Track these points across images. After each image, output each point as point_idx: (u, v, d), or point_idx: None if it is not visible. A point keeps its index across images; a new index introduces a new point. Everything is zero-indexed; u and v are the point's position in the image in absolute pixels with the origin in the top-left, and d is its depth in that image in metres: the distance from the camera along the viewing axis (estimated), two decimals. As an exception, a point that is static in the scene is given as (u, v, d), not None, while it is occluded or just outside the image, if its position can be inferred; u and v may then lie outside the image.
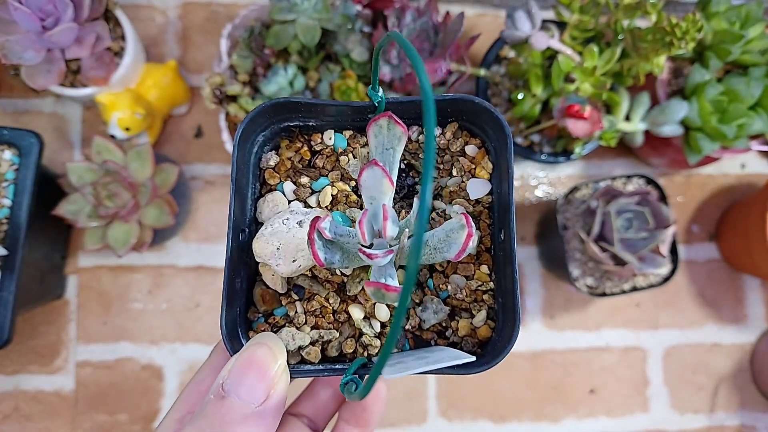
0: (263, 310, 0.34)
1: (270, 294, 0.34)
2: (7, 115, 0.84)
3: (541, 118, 0.74)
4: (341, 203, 0.35)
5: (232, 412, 0.26)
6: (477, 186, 0.35)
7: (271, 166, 0.36)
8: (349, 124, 0.36)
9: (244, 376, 0.27)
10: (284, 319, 0.34)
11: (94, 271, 0.82)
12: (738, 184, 0.92)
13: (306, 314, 0.34)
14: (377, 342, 0.33)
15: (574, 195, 0.80)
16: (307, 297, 0.34)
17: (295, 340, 0.33)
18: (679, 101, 0.72)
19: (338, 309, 0.34)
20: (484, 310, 0.34)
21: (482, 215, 0.35)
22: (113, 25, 0.74)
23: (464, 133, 0.36)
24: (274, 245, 0.32)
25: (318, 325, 0.34)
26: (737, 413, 0.87)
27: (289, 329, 0.33)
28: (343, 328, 0.34)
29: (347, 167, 0.36)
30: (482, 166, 0.35)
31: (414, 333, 0.34)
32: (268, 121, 0.35)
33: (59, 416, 0.79)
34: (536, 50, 0.68)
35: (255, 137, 0.35)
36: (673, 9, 0.86)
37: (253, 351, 0.28)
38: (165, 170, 0.73)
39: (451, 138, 0.36)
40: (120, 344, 0.81)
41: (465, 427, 0.84)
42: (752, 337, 0.89)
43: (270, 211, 0.35)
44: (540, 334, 0.86)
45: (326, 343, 0.34)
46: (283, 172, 0.36)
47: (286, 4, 0.67)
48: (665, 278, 0.78)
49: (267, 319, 0.34)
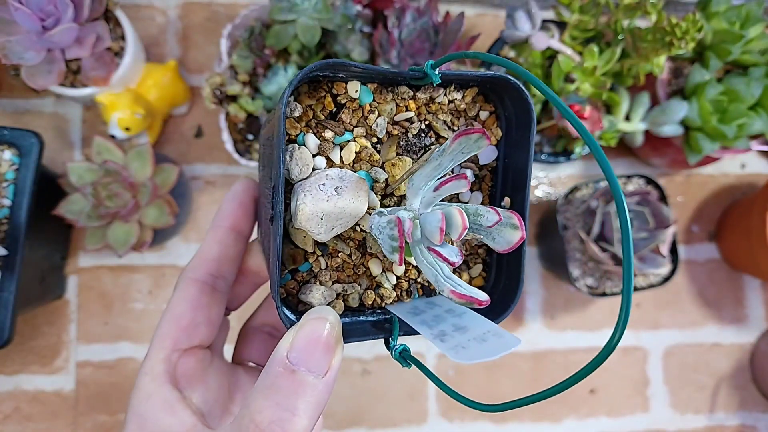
0: (291, 269, 0.35)
1: (300, 253, 0.35)
2: (7, 115, 0.84)
3: (541, 118, 0.75)
4: (364, 161, 0.35)
5: (303, 384, 0.28)
6: (486, 152, 0.36)
7: (296, 116, 0.34)
8: (376, 77, 0.35)
9: (311, 350, 0.29)
10: (309, 274, 0.35)
11: (94, 271, 0.82)
12: (738, 184, 0.92)
13: (329, 270, 0.35)
14: (393, 293, 0.36)
15: (574, 195, 0.80)
16: (331, 253, 0.35)
17: (322, 296, 0.34)
18: (679, 101, 0.72)
19: (358, 264, 0.36)
20: (480, 264, 0.37)
21: (485, 179, 0.37)
22: (113, 25, 0.74)
23: (480, 98, 0.37)
24: (319, 215, 0.33)
25: (339, 279, 0.36)
26: (737, 413, 0.87)
27: (318, 287, 0.35)
28: (361, 280, 0.36)
29: (373, 125, 0.35)
30: (492, 132, 0.36)
31: (422, 284, 0.37)
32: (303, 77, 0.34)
33: (60, 416, 0.79)
34: (536, 50, 0.68)
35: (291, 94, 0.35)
36: (673, 9, 0.86)
37: (316, 326, 0.30)
38: (165, 170, 0.73)
39: (470, 103, 0.36)
40: (120, 344, 0.81)
41: (465, 427, 0.84)
42: (752, 337, 0.89)
43: (299, 170, 0.34)
44: (540, 334, 0.86)
45: (347, 295, 0.36)
46: (304, 122, 0.34)
47: (286, 4, 0.67)
48: (665, 278, 0.78)
49: (293, 275, 0.35)
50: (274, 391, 0.28)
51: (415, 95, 0.35)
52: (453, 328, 0.31)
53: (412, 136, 0.36)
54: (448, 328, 0.31)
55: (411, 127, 0.36)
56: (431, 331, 0.30)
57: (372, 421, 0.83)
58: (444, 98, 0.36)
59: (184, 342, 0.35)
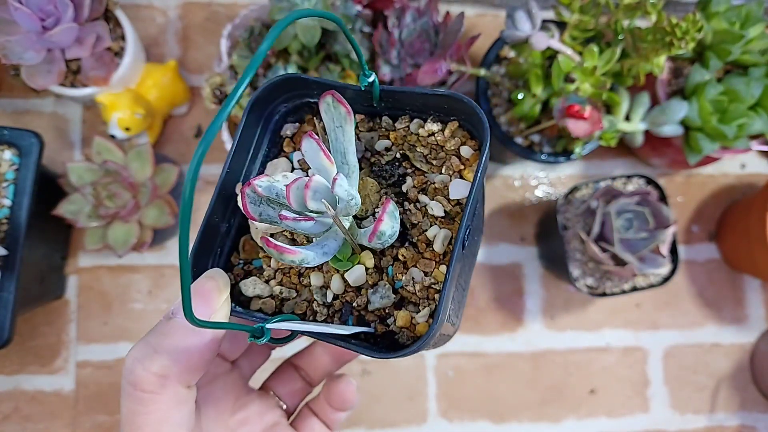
0: (243, 258, 0.37)
1: (251, 244, 0.37)
2: (7, 115, 0.84)
3: (541, 118, 0.74)
4: None
5: (175, 329, 0.30)
6: (459, 187, 0.35)
7: (288, 135, 0.39)
8: (360, 108, 0.38)
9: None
10: (258, 270, 0.37)
11: (94, 271, 0.82)
12: (738, 184, 0.92)
13: (276, 271, 0.36)
14: (324, 311, 0.35)
15: (574, 195, 0.80)
16: None
17: (255, 289, 0.36)
18: (679, 101, 0.72)
19: (304, 273, 0.36)
20: (429, 308, 0.33)
21: (458, 217, 0.35)
22: (113, 25, 0.74)
23: (464, 134, 0.36)
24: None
25: (282, 283, 0.36)
26: (737, 413, 0.87)
27: (254, 278, 0.36)
28: (303, 291, 0.36)
29: None
30: (471, 169, 0.35)
31: (359, 311, 0.35)
32: (286, 95, 0.38)
33: (59, 416, 0.79)
34: (536, 50, 0.68)
35: (275, 107, 0.38)
36: (673, 9, 0.86)
37: (202, 282, 0.32)
38: (165, 170, 0.73)
39: (449, 136, 0.36)
40: (120, 344, 0.81)
41: (465, 427, 0.84)
42: (752, 338, 0.89)
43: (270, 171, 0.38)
44: (540, 335, 0.86)
45: (284, 300, 0.36)
46: (298, 142, 0.38)
47: (286, 5, 0.67)
48: (665, 278, 0.78)
49: (245, 266, 0.37)
50: (149, 334, 0.31)
51: (395, 126, 0.37)
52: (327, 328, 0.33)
53: (384, 163, 0.37)
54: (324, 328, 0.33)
55: (386, 155, 0.37)
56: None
57: (371, 422, 0.83)
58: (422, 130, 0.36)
59: None
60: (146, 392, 0.30)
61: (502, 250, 0.88)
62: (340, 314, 0.35)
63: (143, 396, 0.30)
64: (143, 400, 0.30)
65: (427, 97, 0.35)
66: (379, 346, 0.34)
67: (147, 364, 0.29)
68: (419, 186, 0.36)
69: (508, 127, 0.76)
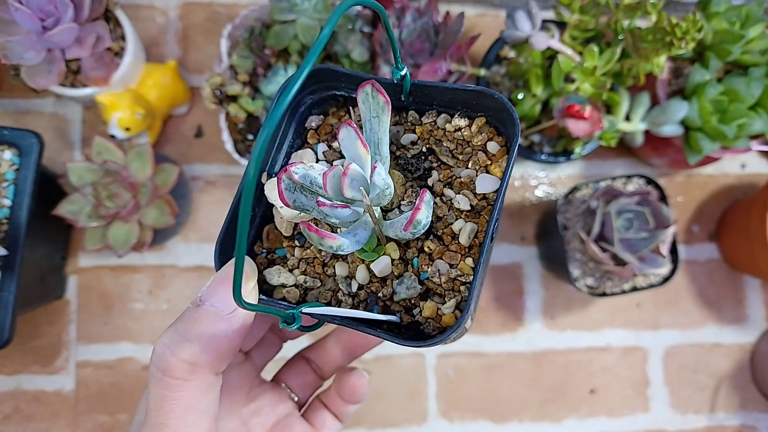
0: (267, 247, 0.37)
1: (275, 234, 0.37)
2: (7, 115, 0.84)
3: (541, 118, 0.75)
4: None
5: (204, 316, 0.30)
6: (486, 182, 0.35)
7: (313, 127, 0.39)
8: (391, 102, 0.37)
9: (217, 288, 0.31)
10: (282, 259, 0.37)
11: (94, 271, 0.82)
12: (738, 184, 0.92)
13: (300, 260, 0.37)
14: (349, 300, 0.35)
15: (574, 195, 0.80)
16: (306, 246, 0.37)
17: (280, 277, 0.36)
18: (679, 101, 0.72)
19: (328, 263, 0.36)
20: (455, 300, 0.34)
21: (484, 211, 0.35)
22: (113, 25, 0.74)
23: (490, 129, 0.37)
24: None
25: (306, 272, 0.36)
26: (737, 413, 0.87)
27: (278, 267, 0.36)
28: (327, 280, 0.36)
29: None
30: (498, 165, 0.36)
31: (384, 302, 0.35)
32: (314, 86, 0.38)
33: (60, 416, 0.79)
34: (536, 50, 0.68)
35: (302, 98, 0.38)
36: (673, 9, 0.86)
37: (228, 269, 0.32)
38: (165, 170, 0.73)
39: (476, 131, 0.36)
40: (121, 344, 0.81)
41: (465, 427, 0.84)
42: (752, 337, 0.89)
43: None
44: (540, 335, 0.86)
45: (308, 289, 0.36)
46: (323, 134, 0.39)
47: (286, 4, 0.67)
48: (665, 278, 0.78)
49: (268, 254, 0.37)
50: (177, 321, 0.31)
51: (421, 120, 0.37)
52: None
53: (410, 156, 0.37)
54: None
55: (412, 148, 0.37)
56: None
57: (372, 421, 0.83)
58: (449, 125, 0.37)
59: None
60: (176, 378, 0.30)
61: (502, 250, 0.88)
62: (365, 304, 0.35)
63: (172, 382, 0.30)
64: (172, 386, 0.30)
65: (457, 92, 0.35)
66: (403, 336, 0.34)
67: (177, 350, 0.30)
68: (445, 180, 0.36)
69: (508, 127, 0.76)
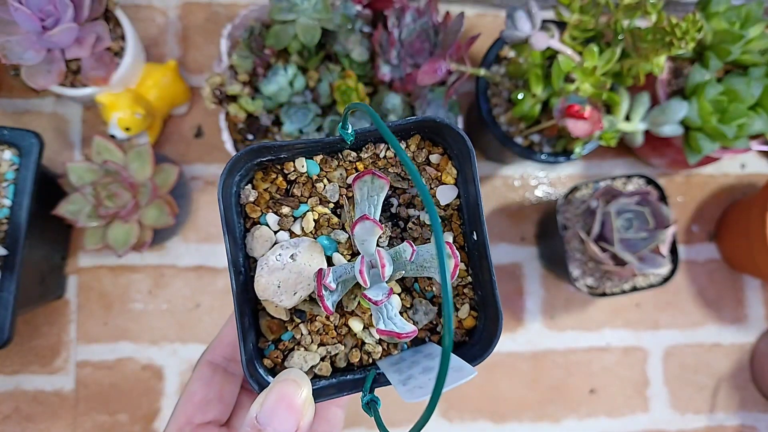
0: (272, 339, 0.37)
1: (276, 323, 0.37)
2: (7, 115, 0.84)
3: (541, 118, 0.74)
4: (324, 227, 0.37)
5: None
6: (445, 192, 0.37)
7: (251, 200, 0.37)
8: (320, 150, 0.37)
9: (275, 409, 0.30)
10: (292, 341, 0.37)
11: (94, 271, 0.82)
12: (738, 184, 0.92)
13: (311, 334, 0.36)
14: (379, 348, 0.36)
15: (574, 195, 0.80)
16: (309, 319, 0.36)
17: (307, 362, 0.35)
18: (679, 101, 0.72)
19: (339, 324, 0.36)
20: (467, 303, 0.36)
21: (453, 218, 0.37)
22: (113, 25, 0.74)
23: (427, 143, 0.38)
24: (275, 284, 0.34)
25: (323, 342, 0.36)
26: (737, 413, 0.87)
27: (299, 353, 0.36)
28: (345, 340, 0.37)
29: (324, 192, 0.37)
30: (447, 172, 0.37)
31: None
32: (244, 161, 0.36)
33: (60, 416, 0.79)
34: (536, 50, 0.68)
35: (233, 178, 0.36)
36: (673, 9, 0.86)
37: (282, 386, 0.31)
38: (165, 170, 0.73)
39: (415, 150, 0.37)
40: (120, 344, 0.81)
41: (465, 427, 0.84)
42: (752, 337, 0.89)
43: (261, 246, 0.36)
44: (540, 335, 0.86)
45: (334, 356, 0.36)
46: (263, 204, 0.37)
47: (286, 4, 0.67)
48: (665, 278, 0.78)
49: (276, 345, 0.37)
50: None
51: (360, 156, 0.37)
52: (421, 371, 0.32)
53: None
54: (416, 371, 0.32)
55: None
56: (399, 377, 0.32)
57: (371, 421, 0.83)
58: (389, 152, 0.37)
59: (198, 417, 0.37)
60: None
61: (502, 250, 0.88)
62: (395, 344, 0.36)
63: None
64: None
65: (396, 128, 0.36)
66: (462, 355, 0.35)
67: None
68: (405, 203, 0.38)
69: (508, 127, 0.76)
